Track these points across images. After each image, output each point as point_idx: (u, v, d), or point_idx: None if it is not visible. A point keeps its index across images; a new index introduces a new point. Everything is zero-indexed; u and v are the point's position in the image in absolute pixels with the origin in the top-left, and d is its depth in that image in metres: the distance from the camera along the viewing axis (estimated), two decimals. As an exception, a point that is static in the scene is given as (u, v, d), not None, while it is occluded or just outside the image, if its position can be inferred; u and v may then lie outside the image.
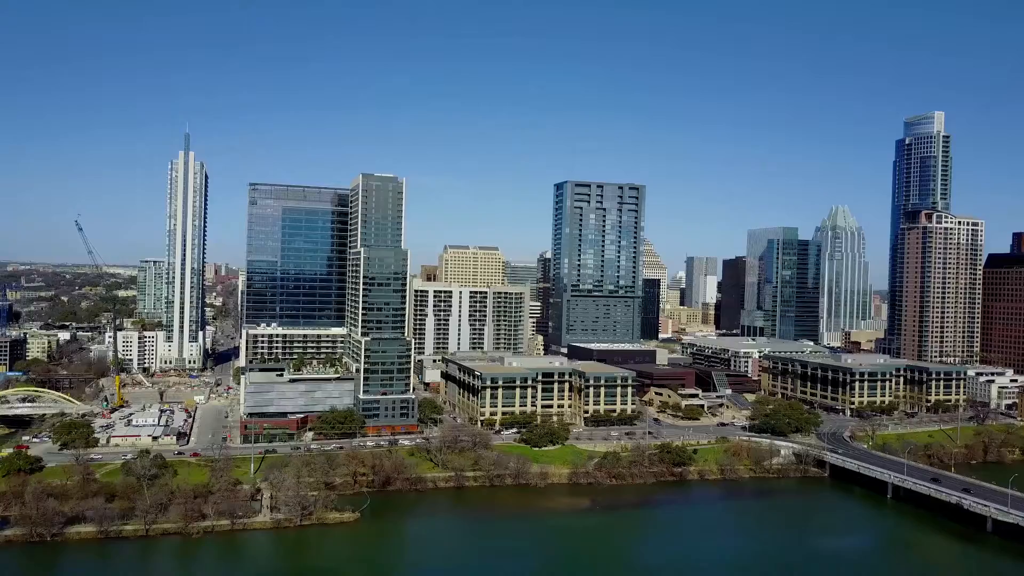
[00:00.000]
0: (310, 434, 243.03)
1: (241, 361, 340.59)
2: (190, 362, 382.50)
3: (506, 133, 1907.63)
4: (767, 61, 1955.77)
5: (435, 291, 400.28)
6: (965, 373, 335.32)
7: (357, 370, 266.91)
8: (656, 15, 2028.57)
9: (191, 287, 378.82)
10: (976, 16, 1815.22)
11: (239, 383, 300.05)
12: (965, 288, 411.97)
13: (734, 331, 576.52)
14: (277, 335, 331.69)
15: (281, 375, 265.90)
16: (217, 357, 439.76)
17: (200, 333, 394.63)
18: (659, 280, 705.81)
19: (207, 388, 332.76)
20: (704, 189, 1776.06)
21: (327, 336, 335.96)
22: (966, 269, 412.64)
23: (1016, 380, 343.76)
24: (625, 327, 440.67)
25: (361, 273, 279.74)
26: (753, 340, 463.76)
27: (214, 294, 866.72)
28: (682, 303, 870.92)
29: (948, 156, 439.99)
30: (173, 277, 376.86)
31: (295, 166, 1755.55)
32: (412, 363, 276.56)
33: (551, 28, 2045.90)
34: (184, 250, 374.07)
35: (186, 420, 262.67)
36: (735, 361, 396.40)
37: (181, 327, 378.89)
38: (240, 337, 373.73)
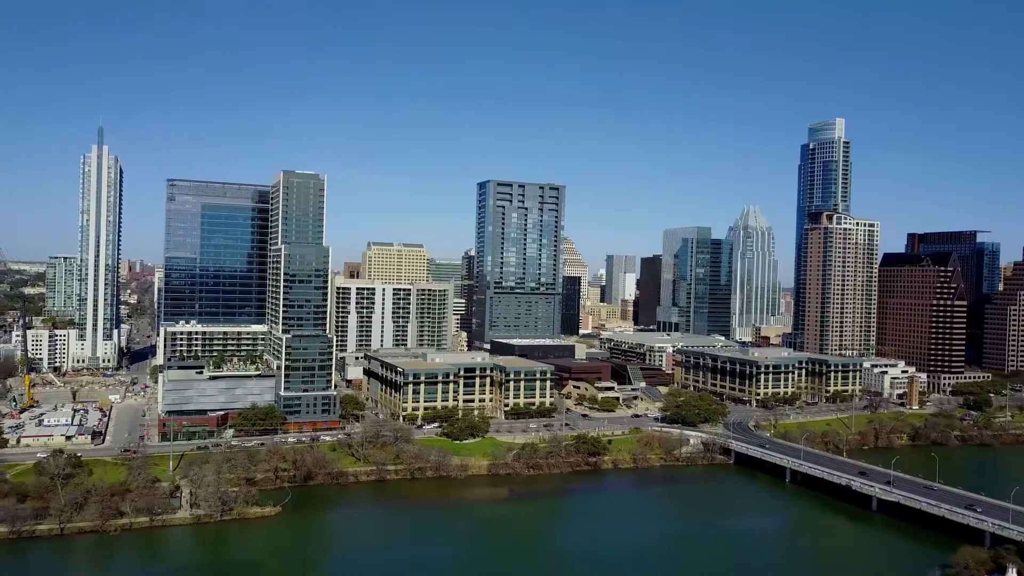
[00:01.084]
0: (231, 431, 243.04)
1: (159, 359, 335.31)
2: (104, 361, 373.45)
3: (431, 131, 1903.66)
4: (681, 67, 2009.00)
5: (358, 288, 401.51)
6: (861, 365, 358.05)
7: (278, 367, 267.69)
8: (574, 16, 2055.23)
9: (105, 284, 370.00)
10: (875, 29, 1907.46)
11: (156, 381, 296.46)
12: (862, 285, 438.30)
13: (651, 327, 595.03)
14: (196, 332, 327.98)
15: (201, 372, 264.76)
16: (133, 356, 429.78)
17: (115, 331, 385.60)
18: (580, 278, 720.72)
19: (123, 387, 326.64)
20: (624, 190, 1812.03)
21: (247, 333, 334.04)
22: (863, 267, 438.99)
23: (907, 371, 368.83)
24: (546, 323, 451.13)
25: (282, 270, 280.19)
26: (668, 335, 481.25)
27: (128, 291, 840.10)
28: (603, 300, 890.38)
29: (848, 161, 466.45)
30: (86, 274, 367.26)
31: (216, 163, 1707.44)
32: (334, 360, 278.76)
33: (476, 24, 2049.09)
34: (98, 246, 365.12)
35: (101, 419, 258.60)
36: (650, 355, 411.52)
37: (95, 325, 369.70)
38: (157, 335, 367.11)
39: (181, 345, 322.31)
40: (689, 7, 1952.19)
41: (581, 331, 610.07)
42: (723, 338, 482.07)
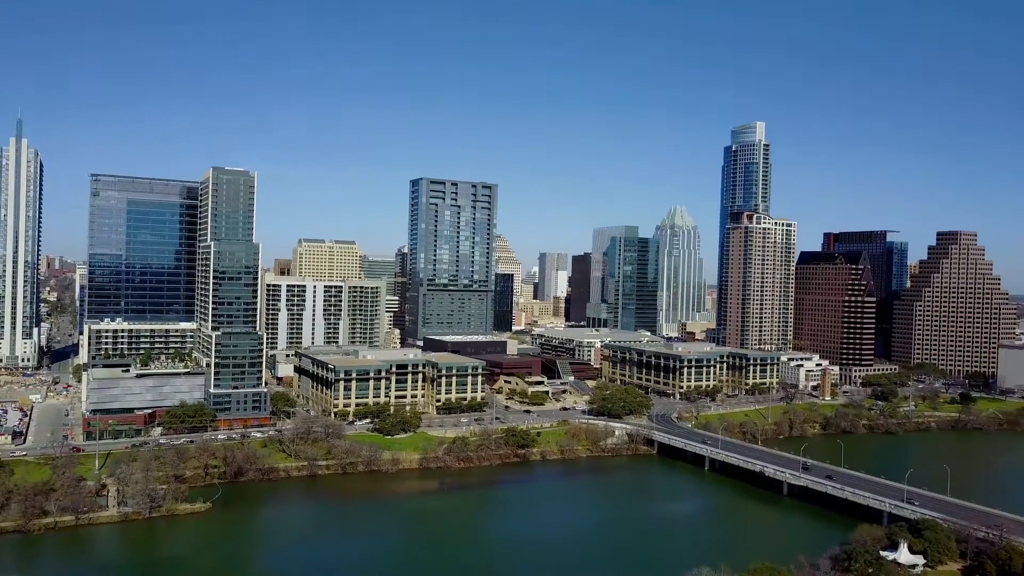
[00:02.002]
0: (158, 429, 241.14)
1: (82, 358, 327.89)
2: (24, 360, 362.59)
3: (364, 127, 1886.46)
4: (610, 71, 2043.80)
5: (288, 285, 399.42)
6: (779, 359, 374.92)
7: (208, 365, 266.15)
8: (508, 16, 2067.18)
9: (25, 281, 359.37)
10: (796, 34, 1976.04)
11: (80, 380, 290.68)
12: (780, 283, 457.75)
13: (582, 323, 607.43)
14: (122, 330, 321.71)
15: (127, 371, 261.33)
16: (53, 355, 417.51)
17: (35, 329, 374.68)
18: (513, 275, 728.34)
19: (43, 386, 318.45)
20: (557, 190, 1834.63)
21: (176, 331, 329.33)
22: (781, 265, 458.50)
23: (821, 364, 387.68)
24: (479, 320, 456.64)
25: (211, 267, 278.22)
26: (597, 331, 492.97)
27: (48, 288, 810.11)
28: (536, 297, 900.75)
29: (768, 163, 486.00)
30: (4, 270, 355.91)
31: (142, 160, 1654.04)
32: (264, 357, 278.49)
33: (407, 16, 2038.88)
34: (16, 242, 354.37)
35: (22, 419, 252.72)
36: (579, 350, 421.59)
37: (13, 323, 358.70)
38: (80, 333, 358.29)
39: (106, 343, 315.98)
40: (619, 12, 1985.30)
41: (514, 327, 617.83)
42: (649, 334, 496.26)
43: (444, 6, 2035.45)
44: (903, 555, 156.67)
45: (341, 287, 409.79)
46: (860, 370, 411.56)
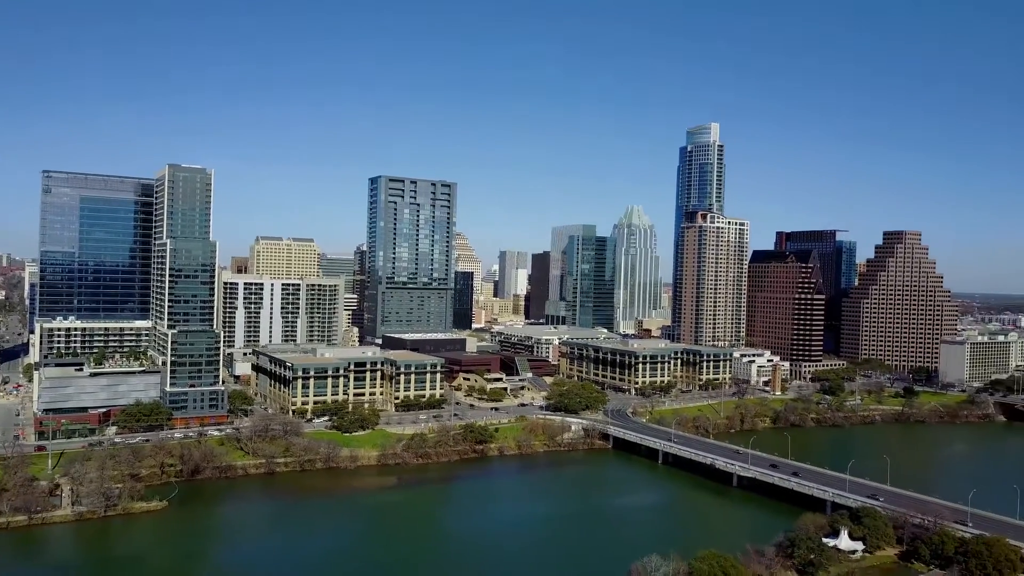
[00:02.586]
0: (113, 428, 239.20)
1: (34, 357, 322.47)
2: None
3: (323, 124, 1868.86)
4: (570, 71, 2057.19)
5: (246, 283, 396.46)
6: (731, 355, 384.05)
7: (164, 363, 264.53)
8: (469, 13, 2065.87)
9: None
10: (751, 37, 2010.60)
11: (31, 380, 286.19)
12: (733, 280, 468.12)
13: (541, 320, 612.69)
14: (75, 329, 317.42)
15: (81, 369, 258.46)
16: (3, 354, 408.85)
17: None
18: (473, 273, 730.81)
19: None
20: (518, 188, 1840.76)
21: (131, 329, 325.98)
22: (735, 264, 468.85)
23: (772, 360, 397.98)
24: (438, 318, 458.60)
25: (167, 265, 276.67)
26: (555, 328, 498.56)
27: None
28: (496, 295, 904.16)
29: (722, 163, 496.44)
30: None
31: (98, 158, 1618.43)
32: (221, 355, 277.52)
33: (367, 21, 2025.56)
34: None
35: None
36: (537, 347, 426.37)
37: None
38: (30, 332, 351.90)
39: (59, 342, 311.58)
40: (581, 11, 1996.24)
41: (474, 325, 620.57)
42: (606, 331, 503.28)
43: (403, 5, 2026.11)
44: (844, 541, 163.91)
45: (299, 285, 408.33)
46: (810, 366, 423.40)
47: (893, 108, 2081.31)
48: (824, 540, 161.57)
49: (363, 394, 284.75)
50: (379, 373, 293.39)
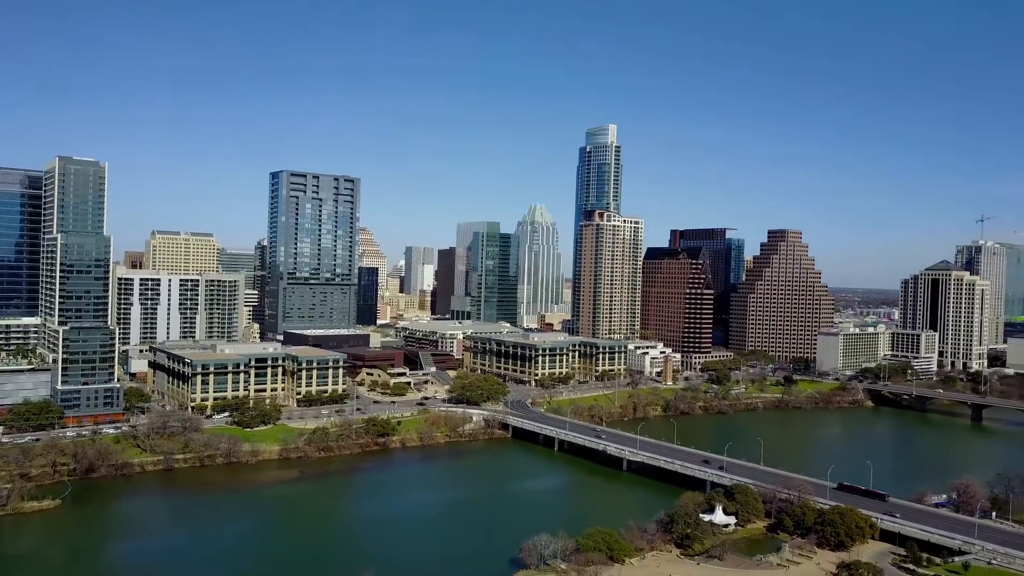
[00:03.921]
0: (0, 428, 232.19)
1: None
2: None
3: (221, 117, 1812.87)
4: (474, 67, 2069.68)
5: (142, 279, 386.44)
6: (626, 347, 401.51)
7: (54, 360, 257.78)
8: (375, 3, 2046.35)
9: None
10: (648, 40, 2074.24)
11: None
12: (629, 276, 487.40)
13: (446, 316, 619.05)
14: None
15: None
16: None
17: None
18: (378, 268, 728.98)
19: None
20: (424, 184, 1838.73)
21: (18, 326, 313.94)
22: (630, 260, 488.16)
23: (664, 352, 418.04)
24: (342, 313, 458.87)
25: (58, 260, 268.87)
26: (460, 323, 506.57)
27: None
28: (402, 290, 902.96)
29: (619, 164, 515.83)
30: None
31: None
32: (116, 353, 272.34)
33: (269, 9, 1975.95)
34: None
35: None
36: (442, 342, 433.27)
37: None
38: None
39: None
40: (487, 8, 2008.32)
41: (379, 321, 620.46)
42: (509, 325, 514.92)
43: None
44: (718, 516, 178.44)
45: (198, 280, 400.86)
46: (700, 357, 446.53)
47: (782, 111, 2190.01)
48: (701, 516, 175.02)
49: (264, 390, 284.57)
50: (280, 369, 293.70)
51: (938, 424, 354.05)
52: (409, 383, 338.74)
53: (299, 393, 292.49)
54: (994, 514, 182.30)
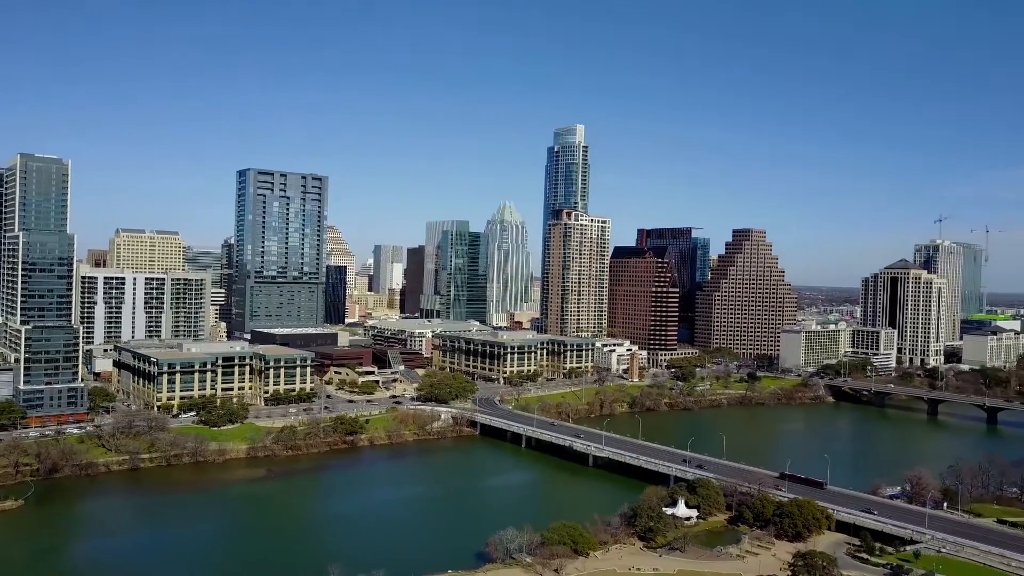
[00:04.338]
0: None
1: None
2: None
3: (189, 114, 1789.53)
4: (445, 66, 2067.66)
5: (106, 277, 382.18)
6: (593, 344, 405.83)
7: (17, 360, 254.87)
8: (343, 7, 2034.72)
9: None
10: (617, 40, 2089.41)
11: None
12: (596, 275, 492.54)
13: (416, 314, 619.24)
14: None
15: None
16: None
17: None
18: (346, 267, 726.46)
19: None
20: (393, 182, 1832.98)
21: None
22: (597, 259, 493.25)
23: (631, 350, 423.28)
24: (309, 312, 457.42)
25: (20, 258, 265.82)
26: (429, 322, 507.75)
27: None
28: (371, 289, 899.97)
29: (587, 163, 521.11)
30: None
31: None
32: (80, 351, 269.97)
33: (235, 11, 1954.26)
34: None
35: None
36: (411, 341, 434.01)
37: None
38: None
39: None
40: (451, 7, 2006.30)
41: (347, 320, 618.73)
42: (478, 323, 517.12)
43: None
44: (680, 510, 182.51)
45: (163, 279, 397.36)
46: (665, 354, 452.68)
47: (750, 110, 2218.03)
48: (664, 509, 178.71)
49: (232, 389, 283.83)
50: (248, 368, 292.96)
51: (895, 419, 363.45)
52: (377, 382, 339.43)
53: (267, 392, 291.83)
54: (945, 505, 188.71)
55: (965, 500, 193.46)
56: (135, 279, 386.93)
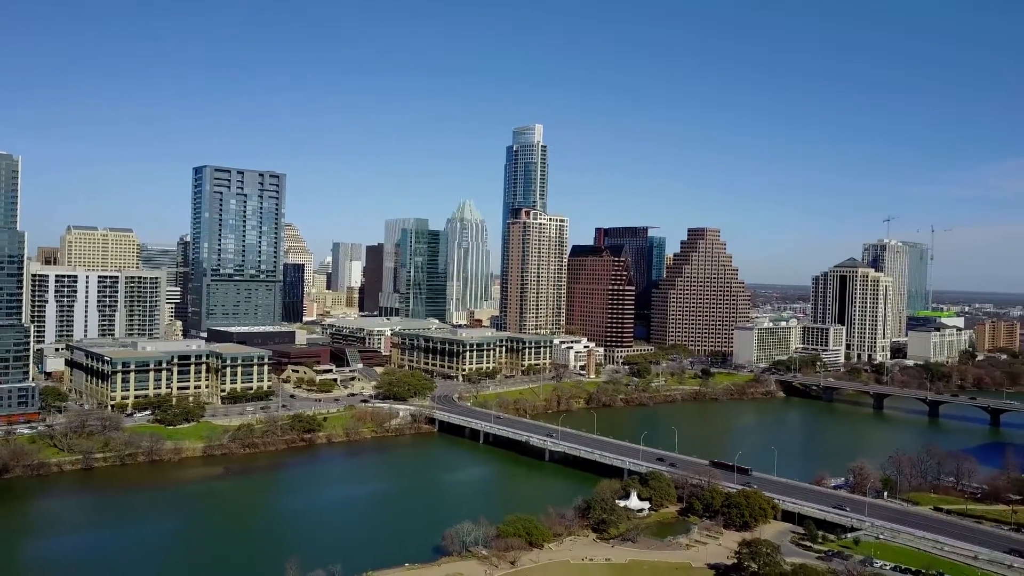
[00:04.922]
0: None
1: None
2: None
3: (142, 111, 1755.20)
4: (403, 64, 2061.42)
5: (57, 275, 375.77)
6: (551, 342, 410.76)
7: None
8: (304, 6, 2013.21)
9: None
10: (575, 41, 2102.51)
11: None
12: (554, 273, 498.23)
13: (375, 312, 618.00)
14: None
15: None
16: None
17: None
18: (304, 265, 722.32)
19: None
20: (352, 180, 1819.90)
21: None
22: (555, 257, 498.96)
23: (588, 347, 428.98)
24: (267, 310, 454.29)
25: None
26: (388, 320, 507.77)
27: None
28: (329, 287, 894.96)
29: (545, 163, 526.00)
30: None
31: None
32: (31, 350, 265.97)
33: (189, 5, 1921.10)
34: None
35: None
36: (370, 339, 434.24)
37: None
38: None
39: None
40: (413, 7, 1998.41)
41: (306, 318, 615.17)
42: (438, 321, 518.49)
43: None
44: (633, 502, 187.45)
45: (117, 277, 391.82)
46: (622, 351, 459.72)
47: (709, 109, 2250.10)
48: (617, 502, 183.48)
49: (188, 387, 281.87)
50: (204, 366, 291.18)
51: (843, 413, 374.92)
52: (335, 380, 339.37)
53: (223, 390, 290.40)
54: (885, 493, 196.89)
55: (904, 489, 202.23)
56: (87, 277, 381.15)
